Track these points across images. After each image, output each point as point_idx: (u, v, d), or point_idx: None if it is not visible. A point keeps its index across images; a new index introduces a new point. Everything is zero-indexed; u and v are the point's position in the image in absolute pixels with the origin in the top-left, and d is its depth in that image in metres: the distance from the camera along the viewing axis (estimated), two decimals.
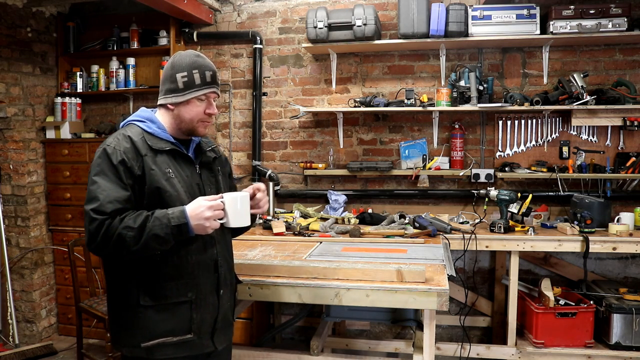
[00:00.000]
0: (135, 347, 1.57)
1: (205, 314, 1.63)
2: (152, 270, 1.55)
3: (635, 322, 2.95)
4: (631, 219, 3.09)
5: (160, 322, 1.56)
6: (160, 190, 1.53)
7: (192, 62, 1.62)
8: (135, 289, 1.56)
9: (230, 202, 1.56)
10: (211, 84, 1.63)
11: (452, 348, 3.27)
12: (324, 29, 3.35)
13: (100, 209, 1.46)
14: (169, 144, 1.61)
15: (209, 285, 1.64)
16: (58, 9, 3.93)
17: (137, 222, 1.45)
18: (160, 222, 1.46)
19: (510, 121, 3.48)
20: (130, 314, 1.58)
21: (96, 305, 3.09)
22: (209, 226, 1.50)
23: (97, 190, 1.48)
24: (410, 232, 2.92)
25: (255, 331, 3.31)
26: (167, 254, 1.55)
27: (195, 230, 1.50)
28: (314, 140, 3.79)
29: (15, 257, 3.77)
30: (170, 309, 1.57)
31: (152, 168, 1.54)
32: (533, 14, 3.19)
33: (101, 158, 1.52)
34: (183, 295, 1.58)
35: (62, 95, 3.93)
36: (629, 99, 3.17)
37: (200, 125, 1.64)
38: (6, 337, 3.59)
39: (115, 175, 1.50)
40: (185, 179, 1.61)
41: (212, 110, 1.65)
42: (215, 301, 1.66)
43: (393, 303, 1.99)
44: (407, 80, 3.63)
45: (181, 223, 1.47)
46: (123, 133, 1.58)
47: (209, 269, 1.64)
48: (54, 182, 3.89)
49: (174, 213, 1.48)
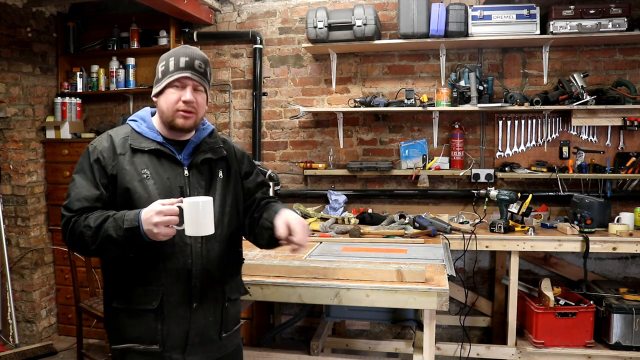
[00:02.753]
0: (112, 348, 1.58)
1: (173, 327, 1.51)
2: (123, 273, 1.52)
3: (635, 322, 2.95)
4: (631, 219, 3.09)
5: (129, 327, 1.53)
6: (130, 191, 1.48)
7: (172, 52, 1.55)
8: (111, 289, 1.56)
9: (189, 208, 1.38)
10: (184, 69, 1.50)
11: (452, 348, 3.27)
12: (324, 29, 3.35)
13: (69, 205, 1.47)
14: (154, 144, 1.53)
15: (178, 296, 1.51)
16: (58, 9, 3.93)
17: (96, 222, 1.41)
18: (116, 223, 1.39)
19: (510, 121, 3.48)
20: (108, 315, 1.59)
21: (96, 305, 3.09)
22: (157, 232, 1.36)
23: (72, 187, 1.49)
24: (410, 232, 2.92)
25: (255, 331, 3.31)
26: (139, 258, 1.48)
27: (147, 235, 1.38)
28: (314, 140, 3.79)
29: (15, 257, 3.77)
30: (138, 316, 1.52)
31: (124, 168, 1.49)
32: (533, 14, 3.19)
33: (83, 156, 1.53)
34: (148, 303, 1.50)
35: (62, 95, 3.93)
36: (629, 99, 3.17)
37: (178, 115, 1.51)
38: (6, 337, 3.59)
39: (90, 173, 1.49)
40: (164, 181, 1.52)
41: (187, 97, 1.49)
42: (186, 314, 1.52)
43: (393, 303, 1.99)
44: (407, 80, 3.63)
45: (133, 226, 1.37)
46: (109, 132, 1.57)
47: (179, 278, 1.50)
48: (54, 182, 3.89)
49: (129, 215, 1.39)
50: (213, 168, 1.62)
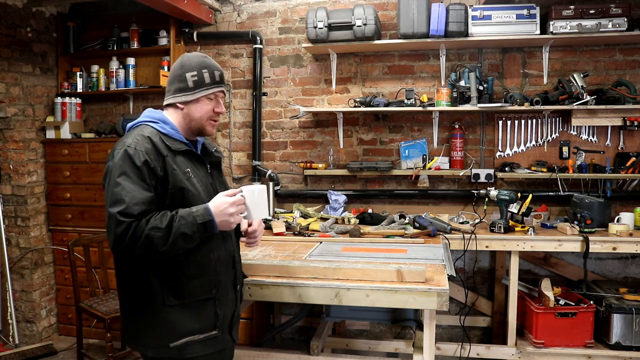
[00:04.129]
0: (163, 347, 1.56)
1: (226, 310, 1.68)
2: (175, 270, 1.56)
3: (635, 322, 2.95)
4: (631, 219, 3.09)
5: (186, 321, 1.58)
6: (184, 190, 1.56)
7: (201, 62, 1.66)
8: (159, 289, 1.55)
9: (250, 196, 1.60)
10: (219, 83, 1.67)
11: (452, 348, 3.27)
12: (324, 29, 3.35)
13: (127, 211, 1.44)
14: (183, 145, 1.64)
15: (229, 281, 1.70)
16: (58, 9, 3.93)
17: (164, 223, 1.46)
18: (186, 220, 1.48)
19: (510, 121, 3.48)
20: (154, 315, 1.56)
21: (96, 305, 3.09)
22: (233, 221, 1.54)
23: (121, 192, 1.46)
24: (410, 232, 2.92)
25: (255, 331, 3.31)
26: (190, 253, 1.57)
27: (219, 226, 1.53)
28: (314, 140, 3.79)
29: (15, 257, 3.77)
30: (196, 307, 1.60)
31: (174, 168, 1.56)
32: (533, 14, 3.19)
33: (123, 160, 1.50)
34: (207, 292, 1.62)
35: (62, 95, 3.93)
36: (629, 99, 3.17)
37: (208, 124, 1.68)
38: (6, 337, 3.59)
39: (139, 177, 1.49)
40: (202, 179, 1.66)
41: (221, 109, 1.69)
42: (233, 296, 1.73)
43: (393, 303, 1.99)
44: (407, 80, 3.63)
45: (206, 220, 1.50)
46: (141, 134, 1.56)
47: (227, 265, 1.70)
48: (54, 182, 3.89)
49: (199, 211, 1.51)
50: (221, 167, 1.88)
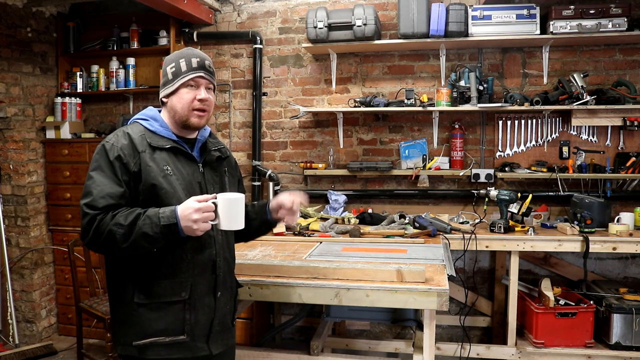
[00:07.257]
0: (128, 345, 1.55)
1: (200, 316, 1.59)
2: (147, 268, 1.54)
3: (635, 322, 2.95)
4: (631, 219, 3.09)
5: (153, 321, 1.53)
6: (156, 187, 1.51)
7: (179, 53, 1.62)
8: (130, 285, 1.55)
9: (223, 204, 1.47)
10: (197, 69, 1.58)
11: (452, 348, 3.27)
12: (324, 29, 3.35)
13: (92, 203, 1.45)
14: (170, 142, 1.59)
15: (205, 286, 1.60)
16: (58, 9, 3.93)
17: (128, 220, 1.43)
18: (151, 220, 1.43)
19: (510, 121, 3.48)
20: (125, 311, 1.57)
21: (96, 305, 3.09)
22: (197, 228, 1.43)
23: (91, 185, 1.49)
24: (410, 232, 2.92)
25: (255, 331, 3.31)
26: (163, 252, 1.52)
27: (184, 231, 1.44)
28: (314, 140, 3.79)
29: (15, 257, 3.77)
30: (164, 308, 1.54)
31: (148, 164, 1.52)
32: (533, 14, 3.19)
33: (99, 154, 1.53)
34: (176, 294, 1.55)
35: (62, 95, 3.93)
36: (629, 99, 3.17)
37: (192, 114, 1.59)
38: (6, 337, 3.59)
39: (111, 171, 1.49)
40: (185, 177, 1.58)
41: (203, 95, 1.58)
42: (211, 303, 1.62)
43: (393, 303, 1.99)
44: (407, 80, 3.63)
45: (171, 223, 1.42)
46: (123, 130, 1.58)
47: (206, 269, 1.60)
48: (54, 182, 3.89)
49: (165, 212, 1.44)
50: (220, 166, 1.74)
